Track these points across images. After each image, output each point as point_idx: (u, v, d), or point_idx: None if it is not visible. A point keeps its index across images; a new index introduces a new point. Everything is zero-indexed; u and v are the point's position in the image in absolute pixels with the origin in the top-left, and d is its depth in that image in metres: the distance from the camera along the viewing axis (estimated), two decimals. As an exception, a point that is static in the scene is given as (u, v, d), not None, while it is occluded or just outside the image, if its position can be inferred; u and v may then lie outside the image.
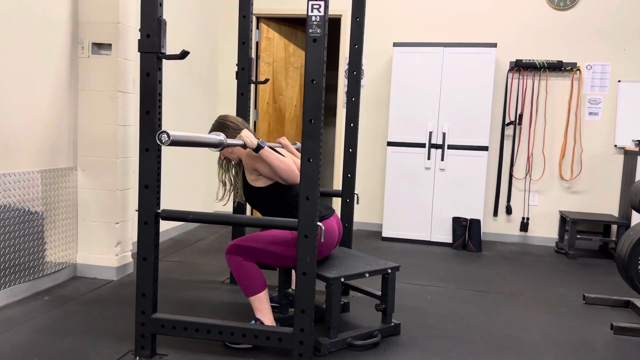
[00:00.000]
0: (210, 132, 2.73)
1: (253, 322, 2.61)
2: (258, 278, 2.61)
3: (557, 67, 5.13)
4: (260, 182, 2.69)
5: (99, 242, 3.56)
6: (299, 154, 3.21)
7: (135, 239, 4.07)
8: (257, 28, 5.66)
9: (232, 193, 2.94)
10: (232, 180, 2.90)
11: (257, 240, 2.59)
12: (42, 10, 3.13)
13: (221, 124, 2.78)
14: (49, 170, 3.26)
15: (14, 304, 3.00)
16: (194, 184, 5.36)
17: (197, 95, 5.28)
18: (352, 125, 3.40)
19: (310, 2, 2.16)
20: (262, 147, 2.57)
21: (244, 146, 2.58)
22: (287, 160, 2.59)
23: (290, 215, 2.67)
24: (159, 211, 2.38)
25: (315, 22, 2.17)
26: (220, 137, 2.41)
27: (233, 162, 2.88)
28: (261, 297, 2.61)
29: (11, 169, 2.98)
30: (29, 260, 3.13)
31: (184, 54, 2.26)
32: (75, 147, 3.52)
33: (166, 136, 1.99)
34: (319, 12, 2.17)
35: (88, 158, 3.53)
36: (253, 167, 2.67)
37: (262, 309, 2.60)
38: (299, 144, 3.37)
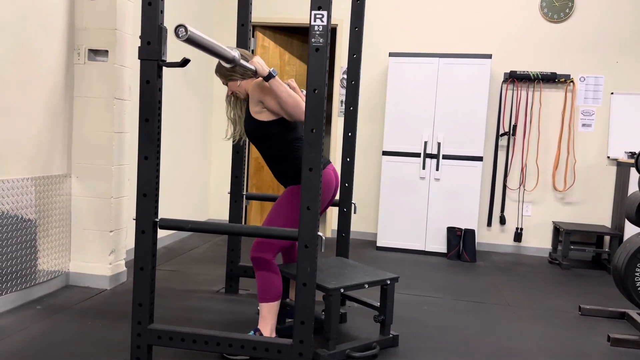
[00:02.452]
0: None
1: (251, 332, 2.58)
2: (277, 286, 2.59)
3: (551, 79, 5.17)
4: (264, 116, 2.59)
5: (92, 251, 3.51)
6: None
7: (129, 247, 4.02)
8: (253, 36, 5.66)
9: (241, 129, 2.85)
10: (240, 116, 2.80)
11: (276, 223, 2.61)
12: (38, 16, 3.10)
13: (233, 49, 2.71)
14: (43, 177, 3.22)
15: (5, 313, 2.94)
16: (186, 193, 5.32)
17: (191, 102, 5.25)
18: (350, 134, 3.39)
19: (313, 12, 2.16)
20: (273, 77, 2.48)
21: (255, 73, 2.51)
22: (295, 95, 2.51)
23: (287, 158, 2.62)
24: (157, 220, 2.35)
25: (317, 32, 2.16)
26: (235, 52, 2.35)
27: (240, 99, 2.77)
28: (271, 307, 2.58)
29: (4, 176, 2.93)
30: (21, 268, 3.08)
31: (185, 62, 2.24)
32: (69, 154, 3.48)
33: (184, 30, 1.92)
34: (322, 21, 2.16)
35: (82, 165, 3.48)
36: (260, 98, 2.56)
37: (269, 318, 2.58)
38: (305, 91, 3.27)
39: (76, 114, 3.47)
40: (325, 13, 2.15)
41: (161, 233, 4.79)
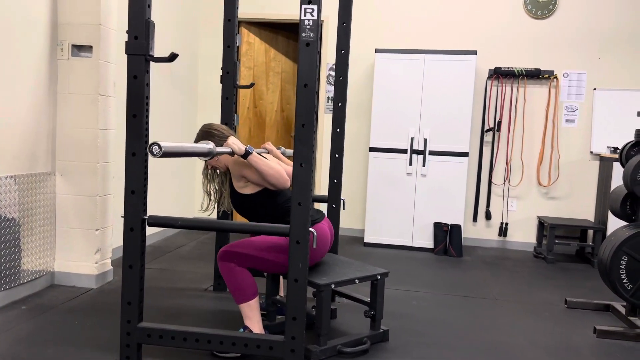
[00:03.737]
0: (196, 141, 2.68)
1: (241, 330, 2.57)
2: (250, 285, 2.57)
3: (535, 75, 5.22)
4: (248, 189, 2.65)
5: (77, 250, 3.46)
6: (284, 159, 3.18)
7: (115, 245, 3.97)
8: (238, 32, 5.60)
9: (217, 203, 2.90)
10: (217, 189, 2.86)
11: (249, 247, 2.55)
12: (20, 10, 3.04)
13: (207, 133, 2.72)
14: (26, 175, 3.15)
15: (-11, 314, 2.89)
16: (173, 190, 5.27)
17: (176, 99, 5.20)
18: (338, 130, 3.38)
19: (304, 6, 2.14)
20: (250, 153, 2.54)
21: (232, 154, 2.55)
22: (276, 166, 2.56)
23: (280, 221, 2.63)
24: (146, 217, 2.32)
25: (308, 26, 2.15)
26: (209, 145, 2.40)
27: (218, 172, 2.84)
28: (252, 305, 2.56)
29: (-13, 174, 2.87)
30: (5, 268, 3.02)
31: (173, 57, 2.21)
32: (53, 151, 3.42)
33: (157, 147, 1.95)
34: (312, 16, 2.15)
35: (67, 163, 3.43)
36: (241, 174, 2.63)
37: (252, 316, 2.56)
38: (283, 149, 3.34)
39: (60, 110, 3.41)
40: (315, 7, 2.14)
41: (147, 231, 4.72)
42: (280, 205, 2.66)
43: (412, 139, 5.06)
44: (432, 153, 5.06)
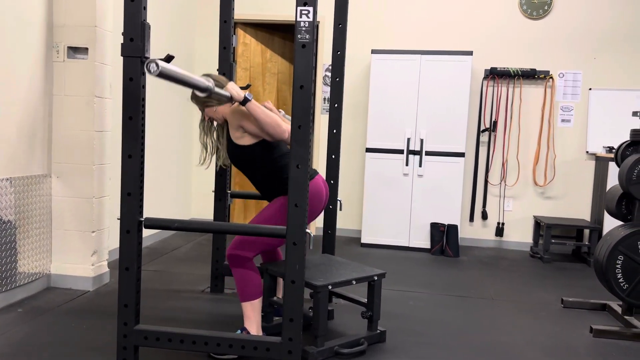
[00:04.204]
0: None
1: (239, 331, 2.57)
2: (256, 284, 2.57)
3: (530, 75, 5.23)
4: (245, 140, 2.61)
5: (74, 252, 3.45)
6: (284, 119, 3.15)
7: (112, 247, 3.96)
8: (234, 33, 5.60)
9: (214, 156, 2.86)
10: (214, 142, 2.79)
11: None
12: (15, 12, 3.03)
13: (205, 77, 2.67)
14: (22, 177, 3.14)
15: (-15, 317, 2.88)
16: (169, 191, 5.26)
17: (172, 99, 5.19)
18: (334, 131, 3.39)
19: (299, 8, 2.14)
20: (249, 100, 2.49)
21: (230, 99, 2.52)
22: (274, 115, 2.52)
23: (276, 175, 2.62)
24: (142, 219, 2.32)
25: (304, 28, 2.15)
26: (209, 82, 2.34)
27: (216, 124, 2.77)
28: (254, 305, 2.57)
29: (-17, 177, 2.86)
30: (1, 271, 3.00)
31: (169, 58, 2.20)
32: (49, 153, 3.41)
33: (155, 66, 1.86)
34: (308, 17, 2.15)
35: (63, 165, 3.42)
36: (239, 123, 2.58)
37: (252, 317, 2.56)
38: (283, 112, 3.28)
39: (56, 112, 3.40)
40: (311, 9, 2.14)
41: (144, 232, 4.73)
42: (276, 159, 2.64)
43: (408, 139, 5.07)
44: (428, 153, 5.06)
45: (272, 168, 2.64)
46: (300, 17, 2.15)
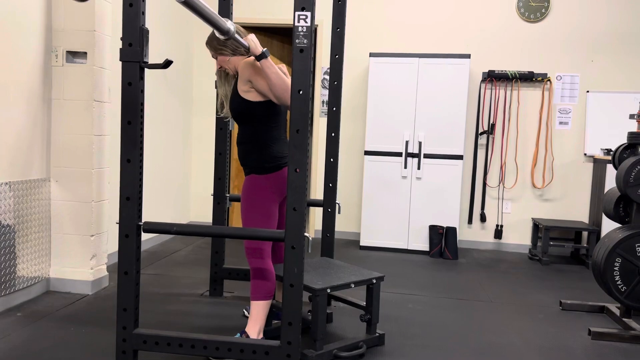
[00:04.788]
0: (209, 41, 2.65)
1: (238, 335, 2.57)
2: (269, 285, 2.58)
3: (528, 78, 5.25)
4: (251, 95, 2.55)
5: (73, 256, 3.45)
6: None
7: (111, 251, 3.97)
8: (233, 37, 5.62)
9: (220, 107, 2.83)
10: (225, 92, 2.76)
11: (254, 220, 2.61)
12: (14, 17, 3.04)
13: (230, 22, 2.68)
14: (21, 181, 3.15)
15: (-16, 322, 2.88)
16: (166, 195, 5.27)
17: (171, 104, 5.20)
18: (333, 134, 3.40)
19: (297, 13, 2.15)
20: (266, 57, 2.44)
21: (247, 52, 2.49)
22: (286, 79, 2.47)
23: (260, 141, 2.59)
24: (141, 223, 2.33)
25: (301, 33, 2.16)
26: (231, 25, 2.32)
27: (228, 74, 2.73)
28: (263, 305, 2.58)
29: (-18, 181, 2.87)
30: (0, 275, 3.01)
31: (167, 64, 2.22)
32: (48, 157, 3.42)
33: None
34: (306, 22, 2.16)
35: (62, 169, 3.42)
36: (249, 77, 2.52)
37: (258, 319, 2.57)
38: None
39: (55, 116, 3.41)
40: (309, 14, 2.15)
41: (143, 236, 4.73)
42: (271, 128, 2.60)
43: (406, 142, 5.08)
44: (426, 156, 5.08)
45: (262, 133, 2.59)
46: (298, 21, 2.16)
